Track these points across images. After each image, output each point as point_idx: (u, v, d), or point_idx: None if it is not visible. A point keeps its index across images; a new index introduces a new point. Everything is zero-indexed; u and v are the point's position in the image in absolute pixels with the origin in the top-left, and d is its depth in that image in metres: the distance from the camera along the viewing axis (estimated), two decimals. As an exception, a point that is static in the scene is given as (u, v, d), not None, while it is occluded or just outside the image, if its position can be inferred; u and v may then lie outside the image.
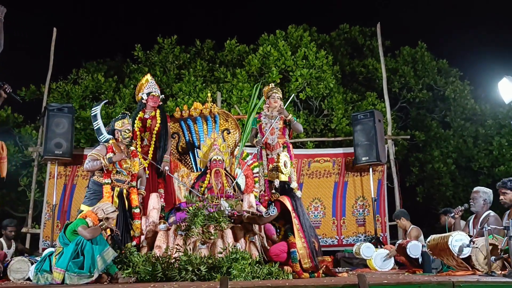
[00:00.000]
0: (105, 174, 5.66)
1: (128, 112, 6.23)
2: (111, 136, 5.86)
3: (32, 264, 5.55)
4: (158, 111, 6.87)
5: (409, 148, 11.96)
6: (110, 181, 5.65)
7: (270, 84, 7.18)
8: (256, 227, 5.60)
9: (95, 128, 6.01)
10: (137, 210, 5.78)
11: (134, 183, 5.91)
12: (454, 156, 11.50)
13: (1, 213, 9.90)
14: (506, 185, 5.03)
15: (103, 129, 5.92)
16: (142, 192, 6.07)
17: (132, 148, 6.03)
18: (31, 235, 8.37)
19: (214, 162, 6.54)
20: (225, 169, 6.66)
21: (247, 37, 12.36)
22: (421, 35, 12.86)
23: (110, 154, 5.67)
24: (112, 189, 5.65)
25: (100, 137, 5.93)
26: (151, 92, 6.83)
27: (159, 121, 6.79)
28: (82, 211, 5.41)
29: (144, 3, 15.61)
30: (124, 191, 5.77)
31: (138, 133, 6.75)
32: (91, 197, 5.63)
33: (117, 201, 5.64)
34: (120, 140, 5.86)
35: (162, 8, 16.24)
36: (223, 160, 6.65)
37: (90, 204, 5.51)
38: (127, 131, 5.87)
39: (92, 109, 6.15)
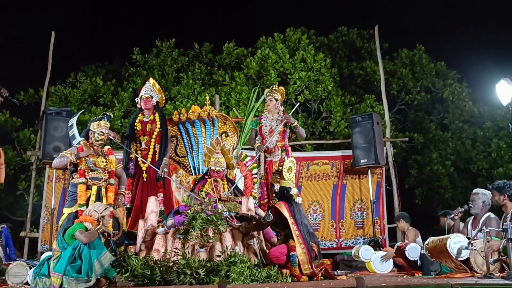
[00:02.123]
0: (80, 174, 5.72)
1: (110, 113, 6.29)
2: (82, 138, 5.94)
3: (30, 268, 5.54)
4: (157, 114, 6.84)
5: (408, 150, 11.97)
6: (84, 180, 5.70)
7: (272, 86, 7.17)
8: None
9: (70, 135, 6.13)
10: (110, 209, 5.79)
11: (112, 181, 5.96)
12: (453, 158, 11.52)
13: (-1, 217, 9.91)
14: (502, 190, 5.06)
15: (76, 135, 6.02)
16: (122, 192, 6.08)
17: (107, 147, 6.09)
18: (29, 239, 8.36)
19: (213, 172, 6.53)
20: (225, 176, 6.65)
21: (245, 40, 12.39)
22: (419, 38, 12.91)
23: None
24: (89, 188, 5.70)
25: (73, 141, 6.02)
26: (142, 95, 6.84)
27: (158, 125, 6.75)
28: (64, 214, 5.57)
29: (142, 7, 15.63)
30: (103, 189, 5.82)
31: (137, 136, 6.74)
32: (69, 199, 5.72)
33: (94, 199, 5.66)
34: (92, 141, 5.94)
35: (161, 12, 16.27)
36: (223, 170, 6.63)
37: (69, 205, 5.64)
38: (100, 133, 5.94)
39: (70, 119, 6.27)
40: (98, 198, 5.74)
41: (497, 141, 11.10)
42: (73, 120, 6.21)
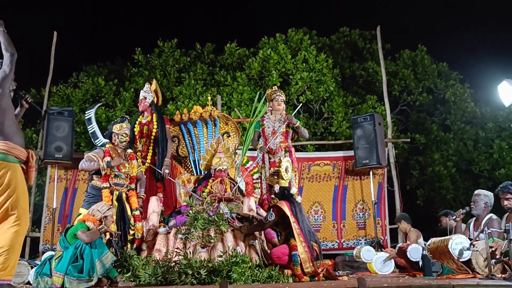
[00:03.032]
0: (104, 178, 5.67)
1: (127, 116, 6.23)
2: (107, 140, 5.89)
3: (32, 268, 5.55)
4: (154, 115, 6.83)
5: (410, 151, 11.96)
6: (108, 185, 5.67)
7: (274, 87, 7.15)
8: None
9: (90, 131, 6.06)
10: (137, 213, 5.80)
11: (133, 186, 5.92)
12: (455, 159, 11.50)
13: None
14: (510, 189, 5.02)
15: (98, 133, 5.97)
16: (141, 195, 6.07)
17: (130, 150, 6.05)
18: (31, 239, 8.37)
19: (219, 172, 6.53)
20: (228, 175, 6.66)
21: (247, 41, 12.40)
22: (421, 38, 12.91)
23: (108, 158, 5.68)
24: (111, 193, 5.66)
25: (96, 141, 5.96)
26: (140, 97, 6.87)
27: (155, 126, 6.75)
28: (80, 214, 5.46)
29: (144, 7, 15.65)
30: (124, 194, 5.78)
31: (137, 138, 6.76)
32: (90, 201, 5.63)
33: (117, 204, 5.66)
34: (116, 143, 5.89)
35: (163, 12, 16.29)
36: (227, 169, 6.64)
37: (89, 207, 5.49)
38: (124, 134, 5.90)
39: (86, 112, 6.20)
40: (120, 204, 5.71)
41: (499, 142, 11.09)
42: (91, 113, 6.08)
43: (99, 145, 5.85)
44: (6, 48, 3.86)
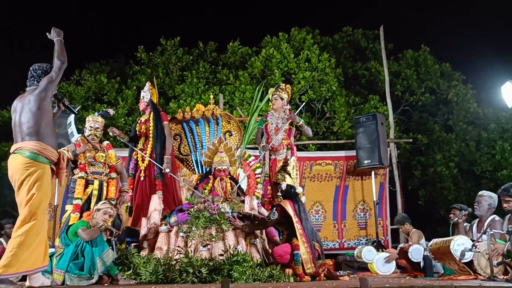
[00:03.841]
0: (80, 168, 5.78)
1: (109, 110, 6.35)
2: (80, 134, 6.07)
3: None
4: (152, 113, 6.82)
5: (412, 151, 11.95)
6: (84, 175, 5.77)
7: (278, 85, 7.14)
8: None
9: (68, 133, 6.15)
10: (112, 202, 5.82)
11: (113, 175, 6.02)
12: (457, 160, 11.49)
13: (2, 213, 9.91)
14: (510, 192, 4.99)
15: (75, 132, 6.24)
16: (125, 189, 6.08)
17: (106, 142, 6.17)
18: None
19: (219, 171, 6.52)
20: (229, 174, 6.65)
21: (250, 40, 12.40)
22: (424, 39, 12.91)
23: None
24: (91, 183, 5.77)
25: (71, 139, 6.09)
26: (140, 96, 6.89)
27: (151, 124, 6.74)
28: (67, 211, 5.62)
29: (147, 5, 15.65)
30: (104, 183, 5.89)
31: (138, 137, 6.79)
32: (70, 196, 5.77)
33: (96, 193, 5.75)
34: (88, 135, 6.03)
35: (165, 10, 16.28)
36: (228, 169, 6.63)
37: (71, 202, 5.70)
38: (89, 128, 6.01)
39: (68, 118, 6.33)
40: (100, 192, 5.81)
41: (502, 143, 11.07)
42: (71, 118, 6.32)
43: (73, 141, 6.00)
44: (59, 56, 4.14)
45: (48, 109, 4.09)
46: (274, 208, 5.27)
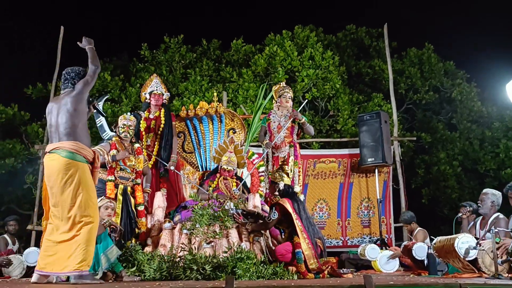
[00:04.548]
0: (109, 171, 5.69)
1: (136, 111, 6.24)
2: (114, 133, 5.87)
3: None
4: (162, 110, 6.82)
5: (415, 149, 11.93)
6: (113, 178, 5.68)
7: (281, 83, 7.11)
8: (261, 227, 5.59)
9: (97, 124, 6.05)
10: (141, 208, 5.80)
11: (138, 181, 5.93)
12: (460, 159, 11.46)
13: (6, 210, 9.95)
14: None
15: (105, 126, 5.99)
16: (147, 190, 6.07)
17: (137, 145, 6.05)
18: (36, 232, 8.40)
19: (224, 171, 6.52)
20: (235, 175, 6.65)
21: (254, 37, 12.37)
22: (428, 37, 12.86)
23: (114, 151, 5.70)
24: (116, 186, 5.68)
25: (103, 134, 5.97)
26: (153, 90, 6.81)
27: (163, 121, 6.73)
28: None
29: (151, 2, 15.64)
30: (129, 188, 5.80)
31: (143, 133, 6.73)
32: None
33: (121, 198, 5.66)
34: (121, 136, 5.90)
35: (169, 8, 16.26)
36: (234, 170, 6.63)
37: None
38: (123, 126, 5.90)
39: (97, 120, 6.19)
40: (125, 198, 5.73)
41: (506, 142, 11.04)
42: (102, 120, 6.16)
43: (106, 138, 5.86)
44: (93, 61, 4.36)
45: (84, 111, 4.25)
46: (274, 208, 5.27)
